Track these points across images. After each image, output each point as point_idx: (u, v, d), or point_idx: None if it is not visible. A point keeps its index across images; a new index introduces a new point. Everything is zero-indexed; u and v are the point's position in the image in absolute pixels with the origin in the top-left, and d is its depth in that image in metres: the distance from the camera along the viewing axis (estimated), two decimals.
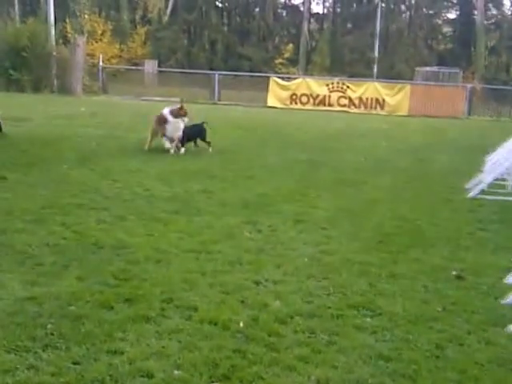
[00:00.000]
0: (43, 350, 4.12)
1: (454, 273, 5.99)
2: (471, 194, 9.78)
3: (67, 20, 42.08)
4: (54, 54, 29.61)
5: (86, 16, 44.51)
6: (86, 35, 37.17)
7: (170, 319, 4.68)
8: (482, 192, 9.77)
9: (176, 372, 3.87)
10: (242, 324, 4.59)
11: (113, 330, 4.44)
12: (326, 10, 55.66)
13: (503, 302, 5.29)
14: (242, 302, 5.06)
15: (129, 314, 4.72)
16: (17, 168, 10.03)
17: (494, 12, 52.16)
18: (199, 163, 11.68)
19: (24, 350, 4.10)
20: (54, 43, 30.23)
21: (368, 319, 4.84)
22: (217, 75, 31.48)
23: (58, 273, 5.56)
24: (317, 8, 56.54)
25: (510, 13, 51.92)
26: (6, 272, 5.51)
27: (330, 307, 5.02)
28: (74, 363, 3.97)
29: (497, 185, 10.12)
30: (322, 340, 4.43)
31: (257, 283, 5.53)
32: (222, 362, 4.00)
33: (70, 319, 4.59)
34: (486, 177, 10.30)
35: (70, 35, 36.38)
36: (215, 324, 4.60)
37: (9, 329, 4.39)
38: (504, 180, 10.48)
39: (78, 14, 44.66)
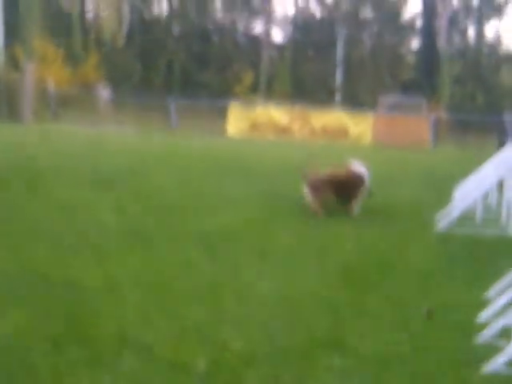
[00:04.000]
0: None
1: (424, 309, 5.96)
2: (440, 228, 9.82)
3: (16, 45, 41.73)
4: (2, 79, 29.31)
5: (37, 41, 44.21)
6: (36, 60, 36.87)
7: (125, 361, 4.53)
8: (451, 225, 9.83)
9: None
10: (202, 365, 4.47)
11: (62, 374, 4.29)
12: (286, 38, 56.26)
13: (475, 340, 5.27)
14: (202, 340, 4.95)
15: (79, 357, 4.56)
16: None
17: (458, 41, 53.30)
18: (157, 194, 11.57)
19: None
20: (2, 68, 29.95)
21: (336, 360, 4.76)
22: (173, 103, 31.48)
23: (3, 310, 5.39)
24: (277, 36, 57.16)
25: (473, 41, 53.08)
26: None
27: (295, 347, 4.93)
28: None
29: (465, 217, 10.19)
30: (289, 382, 4.33)
31: (218, 320, 5.42)
32: None
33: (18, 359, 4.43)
34: (454, 209, 10.38)
35: (19, 60, 36.07)
36: (173, 365, 4.48)
37: None
38: (472, 212, 10.57)
39: (28, 38, 44.30)
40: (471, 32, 53.92)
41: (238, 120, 29.61)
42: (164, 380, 4.27)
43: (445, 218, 10.10)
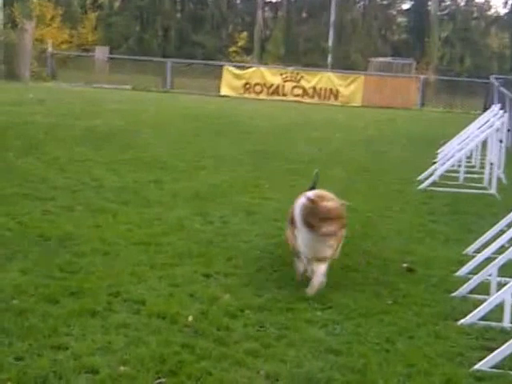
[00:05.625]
0: None
1: (404, 265, 6.04)
2: (423, 186, 9.88)
3: (15, 4, 41.18)
4: (1, 38, 29.02)
5: (35, 0, 43.63)
6: (35, 20, 36.43)
7: (116, 313, 4.60)
8: (434, 184, 9.89)
9: (122, 368, 3.80)
10: (190, 318, 4.54)
11: (57, 324, 4.35)
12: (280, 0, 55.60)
13: (453, 295, 5.35)
14: (191, 295, 5.02)
15: (74, 308, 4.63)
16: None
17: (448, 2, 52.77)
18: (150, 153, 11.56)
19: None
20: (1, 27, 29.63)
21: (318, 313, 4.84)
22: (169, 63, 31.27)
23: (2, 265, 5.43)
24: None
25: (463, 3, 52.57)
26: None
27: (280, 300, 5.01)
28: (17, 359, 3.87)
29: (448, 177, 10.26)
30: (271, 334, 4.41)
31: (207, 276, 5.49)
32: (170, 357, 3.94)
33: (13, 313, 4.48)
34: (437, 168, 10.43)
35: (18, 20, 35.64)
36: (163, 318, 4.54)
37: None
38: (455, 172, 10.63)
39: None
40: None
41: (231, 80, 29.45)
42: (154, 331, 4.33)
43: (428, 177, 10.16)
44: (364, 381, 3.83)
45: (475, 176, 10.84)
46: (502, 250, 5.61)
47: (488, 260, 5.58)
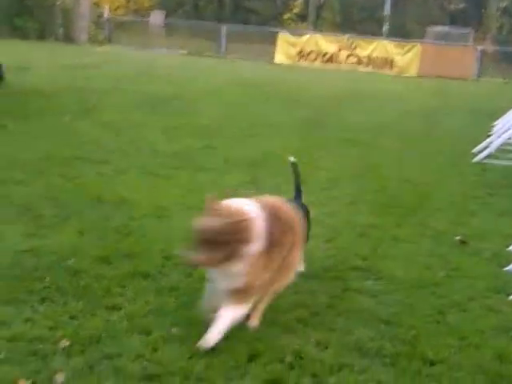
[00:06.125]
0: (40, 304, 4.10)
1: (457, 238, 5.94)
2: (478, 158, 9.69)
3: None
4: (59, 3, 29.27)
5: None
6: None
7: (168, 276, 4.65)
8: (489, 156, 9.69)
9: (174, 329, 3.85)
10: None
11: (111, 285, 4.42)
12: None
13: (507, 268, 5.26)
14: None
15: (128, 269, 4.69)
16: (18, 117, 9.95)
17: None
18: (204, 119, 11.57)
19: (21, 302, 4.08)
20: None
21: (369, 282, 4.81)
22: (224, 28, 31.13)
23: (58, 226, 5.53)
24: None
25: None
26: (5, 224, 5.48)
27: (330, 269, 4.99)
28: (71, 318, 3.94)
29: (504, 150, 10.03)
30: (321, 302, 4.40)
31: None
32: None
33: (69, 273, 4.57)
34: (493, 141, 10.21)
35: None
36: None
37: (6, 281, 4.37)
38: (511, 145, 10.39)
39: None
40: None
41: (285, 47, 29.21)
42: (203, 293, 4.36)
43: (484, 150, 9.95)
44: (414, 352, 3.80)
45: None
46: None
47: None
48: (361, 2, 48.67)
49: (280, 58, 29.17)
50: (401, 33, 40.32)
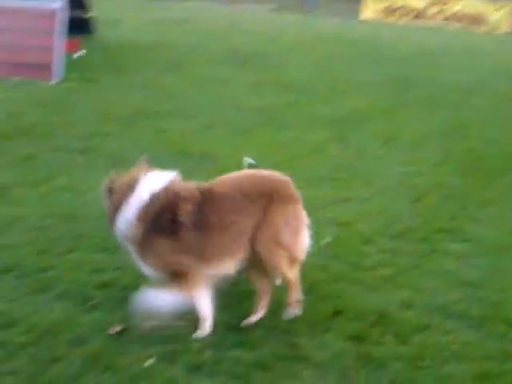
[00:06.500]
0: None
1: None
2: None
3: None
4: None
5: None
6: None
7: None
8: None
9: None
10: (326, 240, 4.54)
11: None
12: None
13: None
14: (328, 218, 5.00)
15: None
16: (109, 71, 10.12)
17: None
18: (289, 75, 11.48)
19: (113, 252, 4.19)
20: None
21: (455, 244, 4.72)
22: None
23: None
24: None
25: None
26: (97, 175, 5.59)
27: (415, 230, 4.92)
28: None
29: None
30: (406, 262, 4.35)
31: (343, 200, 5.45)
32: (306, 275, 3.92)
33: None
34: None
35: None
36: None
37: (99, 231, 4.47)
38: None
39: None
40: None
41: (373, 3, 28.58)
42: None
43: None
44: (500, 315, 3.72)
45: None
46: None
47: None
48: None
49: (367, 14, 28.57)
50: None
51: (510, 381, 3.20)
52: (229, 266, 3.40)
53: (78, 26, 11.76)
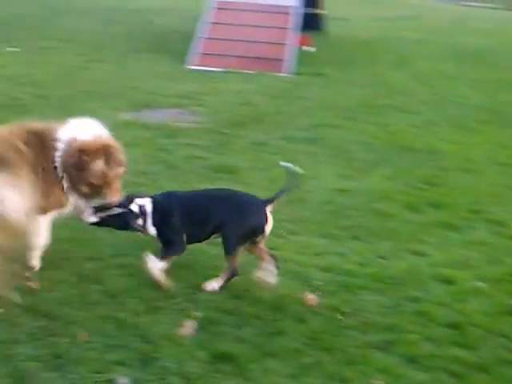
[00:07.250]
0: (350, 240, 4.28)
1: None
2: None
3: None
4: None
5: None
6: None
7: (475, 230, 4.57)
8: None
9: (479, 283, 3.78)
10: None
11: (417, 231, 4.47)
12: None
13: None
14: None
15: (434, 218, 4.71)
16: (336, 66, 10.25)
17: None
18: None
19: (333, 237, 4.29)
20: None
21: None
22: None
23: (368, 170, 5.69)
24: None
25: None
26: (321, 164, 5.76)
27: None
28: (379, 257, 4.07)
29: None
30: None
31: None
32: None
33: (377, 215, 4.71)
34: None
35: None
36: None
37: (320, 216, 4.62)
38: None
39: None
40: None
41: None
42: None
43: None
44: None
45: None
46: None
47: None
48: None
49: None
50: None
51: None
52: None
53: (308, 23, 12.01)
